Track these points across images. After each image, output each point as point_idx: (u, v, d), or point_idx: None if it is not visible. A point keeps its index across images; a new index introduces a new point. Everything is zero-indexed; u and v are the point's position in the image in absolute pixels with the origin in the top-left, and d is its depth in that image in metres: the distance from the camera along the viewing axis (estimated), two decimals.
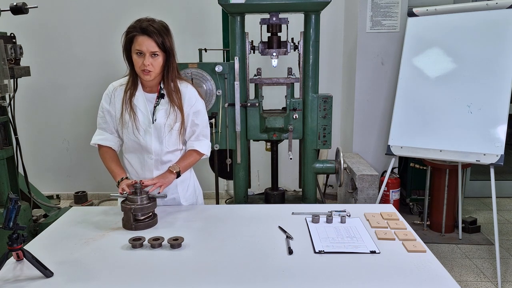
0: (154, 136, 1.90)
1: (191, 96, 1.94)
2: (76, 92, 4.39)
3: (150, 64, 1.77)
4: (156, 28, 1.77)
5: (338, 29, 4.27)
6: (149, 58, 1.77)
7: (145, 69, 1.78)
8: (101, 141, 1.97)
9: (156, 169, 1.95)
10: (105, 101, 1.95)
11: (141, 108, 1.89)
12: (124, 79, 1.95)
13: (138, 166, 1.97)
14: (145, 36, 1.75)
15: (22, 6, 2.69)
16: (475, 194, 4.43)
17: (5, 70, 2.65)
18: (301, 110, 3.03)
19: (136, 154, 1.96)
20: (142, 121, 1.88)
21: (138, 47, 1.76)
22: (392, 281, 1.35)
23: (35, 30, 4.17)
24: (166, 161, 1.96)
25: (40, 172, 4.40)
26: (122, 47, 1.83)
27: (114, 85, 1.96)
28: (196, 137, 1.98)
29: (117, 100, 1.91)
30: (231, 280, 1.36)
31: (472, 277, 2.95)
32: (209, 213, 1.92)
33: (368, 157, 3.98)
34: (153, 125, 1.89)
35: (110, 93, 1.94)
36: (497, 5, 3.02)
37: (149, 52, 1.76)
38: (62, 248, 1.58)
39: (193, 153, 1.98)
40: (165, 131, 1.90)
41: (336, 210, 1.87)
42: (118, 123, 1.93)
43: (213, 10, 3.81)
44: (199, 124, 1.96)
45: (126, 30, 1.80)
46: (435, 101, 3.20)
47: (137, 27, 1.76)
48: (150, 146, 1.91)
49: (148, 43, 1.75)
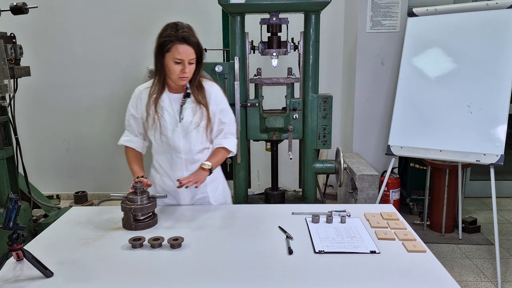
0: (182, 134, 1.92)
1: (217, 95, 1.97)
2: (76, 92, 4.39)
3: (188, 71, 1.80)
4: (194, 36, 1.79)
5: (338, 29, 4.27)
6: (188, 66, 1.79)
7: (183, 76, 1.81)
8: (126, 143, 2.02)
9: (186, 168, 1.97)
10: (131, 105, 1.98)
11: (168, 108, 1.91)
12: (149, 82, 1.96)
13: (167, 167, 1.99)
14: (185, 45, 1.77)
15: (22, 6, 2.69)
16: (475, 194, 4.43)
17: (5, 70, 2.65)
18: (301, 110, 3.03)
19: (165, 155, 1.98)
20: (169, 121, 1.91)
21: (178, 56, 1.77)
22: (392, 281, 1.35)
23: (35, 30, 4.17)
24: (195, 160, 1.97)
25: (40, 172, 4.39)
26: (155, 52, 1.83)
27: (139, 89, 1.98)
28: (224, 135, 2.01)
29: (143, 103, 1.93)
30: (231, 280, 1.36)
31: (472, 277, 2.95)
32: (209, 213, 1.92)
33: (368, 157, 3.98)
34: (180, 124, 1.91)
35: (136, 97, 1.97)
36: (497, 5, 3.02)
37: (188, 60, 1.78)
38: (62, 248, 1.58)
39: (222, 150, 2.00)
40: (191, 128, 1.92)
41: (336, 210, 1.87)
42: (145, 125, 1.95)
43: (213, 10, 3.81)
44: (226, 122, 2.00)
45: (163, 36, 1.79)
46: (435, 101, 3.20)
47: (177, 35, 1.76)
48: (178, 145, 1.93)
49: (189, 52, 1.78)
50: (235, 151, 2.05)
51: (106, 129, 4.45)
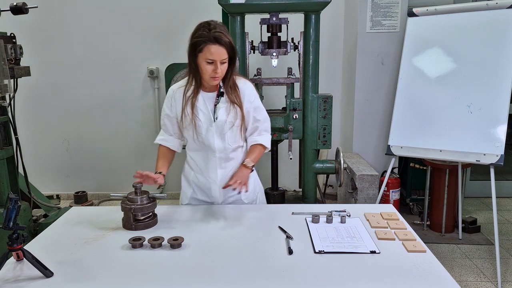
0: (216, 134, 1.92)
1: (250, 93, 1.96)
2: (76, 92, 4.39)
3: (220, 71, 1.80)
4: (227, 35, 1.77)
5: (338, 29, 4.27)
6: (220, 66, 1.78)
7: (215, 76, 1.80)
8: (161, 141, 2.04)
9: (220, 167, 1.98)
10: (166, 105, 1.98)
11: (202, 108, 1.90)
12: (182, 82, 1.96)
13: (202, 164, 2.00)
14: (217, 45, 1.75)
15: (22, 6, 2.69)
16: (475, 194, 4.43)
17: (5, 70, 2.65)
18: (301, 110, 3.03)
19: (200, 153, 1.99)
20: (203, 120, 1.91)
21: (210, 56, 1.75)
22: (392, 281, 1.35)
23: (35, 30, 4.17)
24: (230, 158, 1.98)
25: (40, 172, 4.40)
26: (188, 52, 1.82)
27: (173, 89, 1.97)
28: (259, 132, 2.01)
29: (177, 102, 1.93)
30: (231, 280, 1.36)
31: (472, 277, 2.95)
32: (209, 213, 1.92)
33: (368, 157, 3.97)
34: (214, 123, 1.91)
35: (170, 97, 1.96)
36: (497, 5, 3.02)
37: (220, 60, 1.77)
38: (62, 248, 1.58)
39: (259, 146, 2.00)
40: (226, 128, 1.92)
41: (336, 210, 1.87)
42: (180, 124, 1.96)
43: (213, 10, 3.81)
44: (260, 119, 2.00)
45: (196, 36, 1.77)
46: (435, 101, 3.20)
47: (209, 36, 1.74)
48: (213, 145, 1.93)
49: (221, 52, 1.76)
50: (269, 147, 2.06)
51: (106, 129, 4.45)
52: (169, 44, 4.16)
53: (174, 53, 4.04)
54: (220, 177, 1.98)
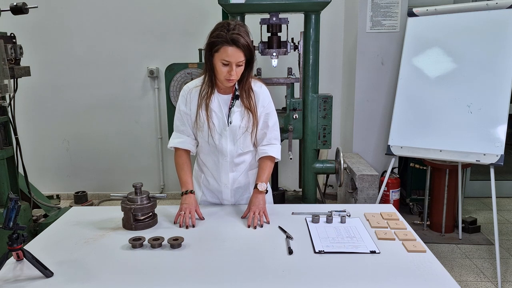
0: (230, 139, 1.89)
1: (264, 97, 1.92)
2: (76, 92, 4.39)
3: (235, 73, 1.75)
4: (245, 38, 1.72)
5: (338, 29, 4.27)
6: (236, 68, 1.74)
7: (230, 78, 1.76)
8: (180, 144, 1.94)
9: (230, 170, 1.95)
10: (182, 103, 1.91)
11: (217, 111, 1.86)
12: (198, 81, 1.91)
13: (213, 168, 1.97)
14: (234, 47, 1.69)
15: (22, 6, 2.69)
16: (475, 194, 4.43)
17: (5, 70, 2.65)
18: (301, 110, 3.03)
19: (211, 156, 1.95)
20: (217, 124, 1.87)
21: (227, 58, 1.71)
22: (392, 281, 1.35)
23: (35, 30, 4.17)
24: (239, 162, 1.96)
25: (40, 172, 4.40)
26: (205, 51, 1.78)
27: (189, 87, 1.91)
28: (268, 140, 1.95)
29: (192, 102, 1.88)
30: (231, 280, 1.36)
31: (472, 277, 2.95)
32: (209, 213, 1.92)
33: (368, 157, 3.98)
34: (228, 128, 1.87)
35: (185, 95, 1.90)
36: (497, 5, 3.02)
37: (236, 62, 1.72)
38: (62, 248, 1.58)
39: (268, 161, 1.94)
40: (240, 133, 1.89)
41: (336, 210, 1.87)
42: (193, 125, 1.91)
43: (213, 10, 3.81)
44: (270, 125, 1.93)
45: (213, 36, 1.73)
46: (435, 101, 3.20)
47: (226, 37, 1.69)
48: (225, 149, 1.90)
49: (238, 55, 1.71)
50: (279, 158, 1.99)
51: (106, 129, 4.45)
52: (169, 44, 4.17)
53: (174, 53, 4.05)
54: (232, 180, 1.97)
